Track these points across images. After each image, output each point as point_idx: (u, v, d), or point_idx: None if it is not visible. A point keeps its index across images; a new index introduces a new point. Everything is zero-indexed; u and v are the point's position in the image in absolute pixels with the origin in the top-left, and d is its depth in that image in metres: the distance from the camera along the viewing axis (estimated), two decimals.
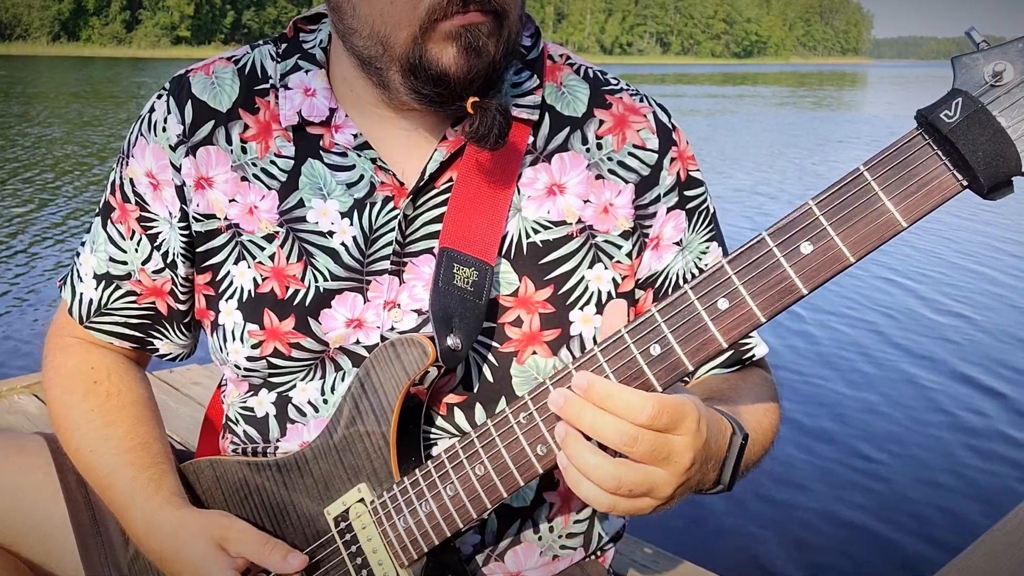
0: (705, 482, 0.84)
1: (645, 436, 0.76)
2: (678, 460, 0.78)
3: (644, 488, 0.78)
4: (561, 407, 0.79)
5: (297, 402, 1.05)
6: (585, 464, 0.78)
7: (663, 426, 0.76)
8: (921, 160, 0.70)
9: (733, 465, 0.86)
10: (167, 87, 1.07)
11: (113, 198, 1.09)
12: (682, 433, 0.78)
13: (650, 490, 0.78)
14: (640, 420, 0.76)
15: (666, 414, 0.76)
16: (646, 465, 0.77)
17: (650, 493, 0.79)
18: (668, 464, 0.78)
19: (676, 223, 1.05)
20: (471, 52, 0.88)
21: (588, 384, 0.77)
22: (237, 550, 0.97)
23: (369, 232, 1.01)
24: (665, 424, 0.76)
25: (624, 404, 0.76)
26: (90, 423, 1.08)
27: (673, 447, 0.77)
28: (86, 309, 1.11)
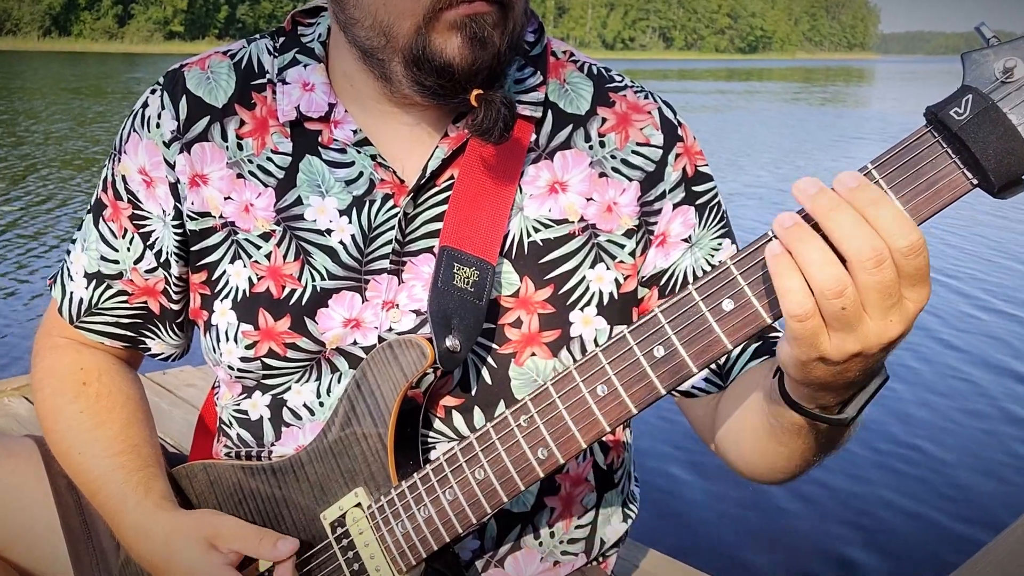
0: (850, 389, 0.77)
1: (891, 268, 0.67)
2: (893, 321, 0.69)
3: (853, 317, 0.68)
4: (813, 195, 0.69)
5: (292, 405, 1.05)
6: (808, 255, 0.68)
7: (912, 270, 0.68)
8: (930, 158, 0.70)
9: (864, 401, 0.79)
10: (161, 82, 1.07)
11: (105, 195, 1.09)
12: (914, 299, 0.69)
13: (851, 327, 0.69)
14: (899, 244, 0.67)
15: (922, 258, 0.67)
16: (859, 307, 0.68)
17: (845, 331, 0.69)
18: (884, 316, 0.69)
19: (684, 219, 1.05)
20: (476, 43, 0.88)
21: (858, 184, 0.68)
22: (229, 546, 0.97)
23: (368, 230, 1.01)
24: (915, 269, 0.67)
25: (891, 219, 0.67)
26: (79, 425, 1.08)
27: (901, 304, 0.69)
28: (76, 308, 1.11)
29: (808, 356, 0.72)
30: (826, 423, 0.81)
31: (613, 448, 1.13)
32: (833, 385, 0.75)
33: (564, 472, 1.08)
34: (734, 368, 1.03)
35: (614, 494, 1.15)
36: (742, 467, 0.98)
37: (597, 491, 1.12)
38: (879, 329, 0.69)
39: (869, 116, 24.65)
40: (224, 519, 1.00)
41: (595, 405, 0.83)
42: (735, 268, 0.76)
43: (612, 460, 1.13)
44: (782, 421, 0.84)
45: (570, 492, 1.10)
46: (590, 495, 1.12)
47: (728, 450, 1.00)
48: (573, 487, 1.10)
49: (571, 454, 0.86)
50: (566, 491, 1.09)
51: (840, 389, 0.77)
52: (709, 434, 1.05)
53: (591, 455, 1.11)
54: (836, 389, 0.76)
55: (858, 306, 0.68)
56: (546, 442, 0.86)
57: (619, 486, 1.15)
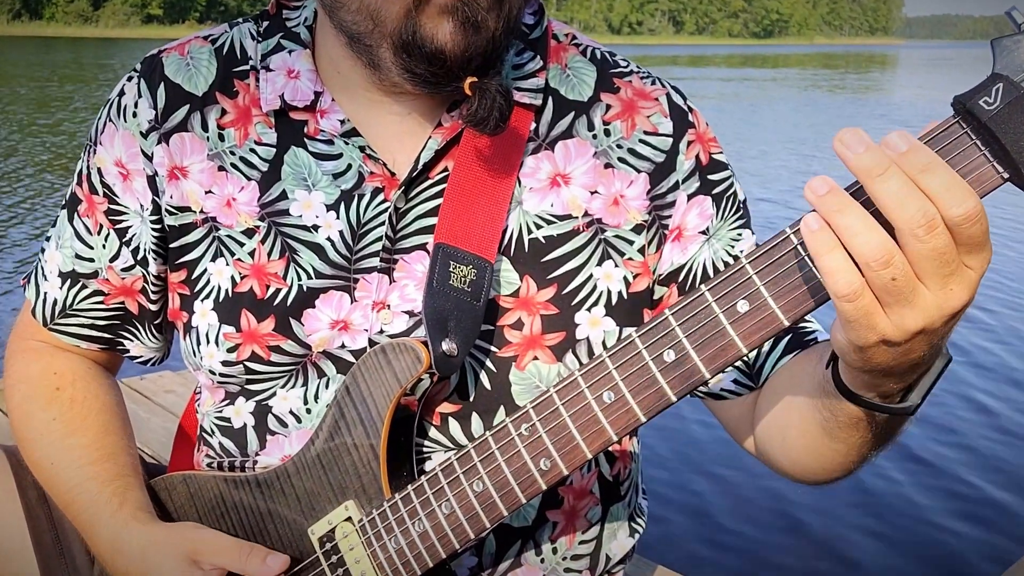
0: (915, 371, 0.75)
1: (944, 233, 0.65)
2: (954, 291, 0.67)
3: (906, 289, 0.66)
4: (861, 156, 0.66)
5: (277, 412, 1.05)
6: (851, 224, 0.66)
7: (968, 237, 0.66)
8: (959, 150, 0.70)
9: (930, 384, 0.78)
10: (138, 69, 1.07)
11: (80, 189, 1.09)
12: (974, 266, 0.67)
13: (907, 299, 0.67)
14: (953, 212, 0.65)
15: (979, 225, 0.65)
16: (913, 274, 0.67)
17: (902, 304, 0.67)
18: (944, 286, 0.67)
19: (700, 210, 1.05)
20: (469, 27, 0.88)
21: (910, 147, 0.66)
22: (211, 561, 0.97)
23: (357, 226, 1.00)
24: (970, 236, 0.66)
25: (945, 183, 0.65)
26: (52, 433, 1.08)
27: (960, 270, 0.67)
28: (50, 310, 1.11)
29: (867, 340, 0.69)
30: (889, 412, 0.79)
31: (620, 458, 1.13)
32: (897, 369, 0.73)
33: (568, 484, 1.08)
34: (765, 366, 1.03)
35: (620, 507, 1.15)
36: (789, 468, 0.97)
37: (602, 504, 1.12)
38: (940, 300, 0.67)
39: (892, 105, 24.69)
40: (205, 532, 1.00)
41: (601, 413, 0.83)
42: (750, 267, 0.76)
43: (618, 471, 1.13)
44: (837, 415, 0.83)
45: (574, 505, 1.10)
46: (595, 508, 1.12)
47: (772, 451, 0.99)
48: (577, 500, 1.10)
49: (575, 465, 0.86)
50: (569, 504, 1.09)
51: (904, 373, 0.75)
52: (746, 436, 1.05)
53: (596, 466, 1.11)
54: (900, 373, 0.75)
55: (911, 276, 0.67)
56: (549, 452, 0.86)
57: (626, 499, 1.15)
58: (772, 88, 31.50)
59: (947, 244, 0.66)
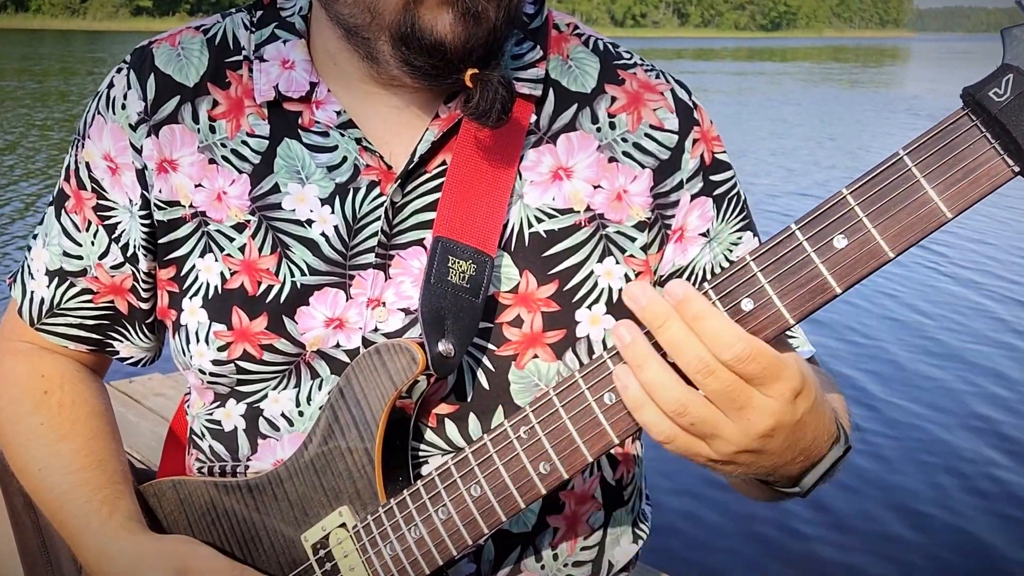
0: (783, 472, 0.83)
1: (723, 374, 0.75)
2: (752, 419, 0.76)
3: (707, 428, 0.77)
4: (644, 308, 0.76)
5: (269, 414, 1.05)
6: (650, 376, 0.76)
7: (748, 374, 0.75)
8: (968, 143, 0.70)
9: (822, 474, 0.85)
10: (128, 60, 1.07)
11: (67, 185, 1.09)
12: (768, 393, 0.76)
13: (712, 434, 0.77)
14: (723, 356, 0.74)
15: (756, 363, 0.74)
16: (716, 408, 0.77)
17: (710, 438, 0.77)
18: (740, 417, 0.76)
19: (702, 212, 1.05)
20: (469, 18, 0.88)
21: (684, 296, 0.75)
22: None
23: (352, 221, 1.01)
24: (751, 373, 0.75)
25: (713, 332, 0.74)
26: (40, 438, 1.08)
27: (752, 401, 0.76)
28: (37, 310, 1.11)
29: (700, 463, 0.80)
30: (783, 495, 0.88)
31: (622, 462, 1.13)
32: (754, 475, 0.83)
33: (568, 489, 1.08)
34: None
35: (623, 513, 1.15)
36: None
37: (605, 509, 1.12)
38: (741, 428, 0.77)
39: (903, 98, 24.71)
40: (198, 548, 1.00)
41: (602, 415, 0.83)
42: (755, 264, 0.76)
43: (621, 475, 1.13)
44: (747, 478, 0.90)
45: (575, 510, 1.10)
46: (597, 514, 1.12)
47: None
48: (578, 505, 1.10)
49: (576, 469, 0.86)
50: (571, 509, 1.09)
51: (766, 475, 0.83)
52: None
53: (598, 470, 1.11)
54: (761, 476, 0.84)
55: (710, 415, 0.76)
56: (549, 455, 0.86)
57: (629, 504, 1.15)
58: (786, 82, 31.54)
59: (728, 384, 0.75)
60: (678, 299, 0.75)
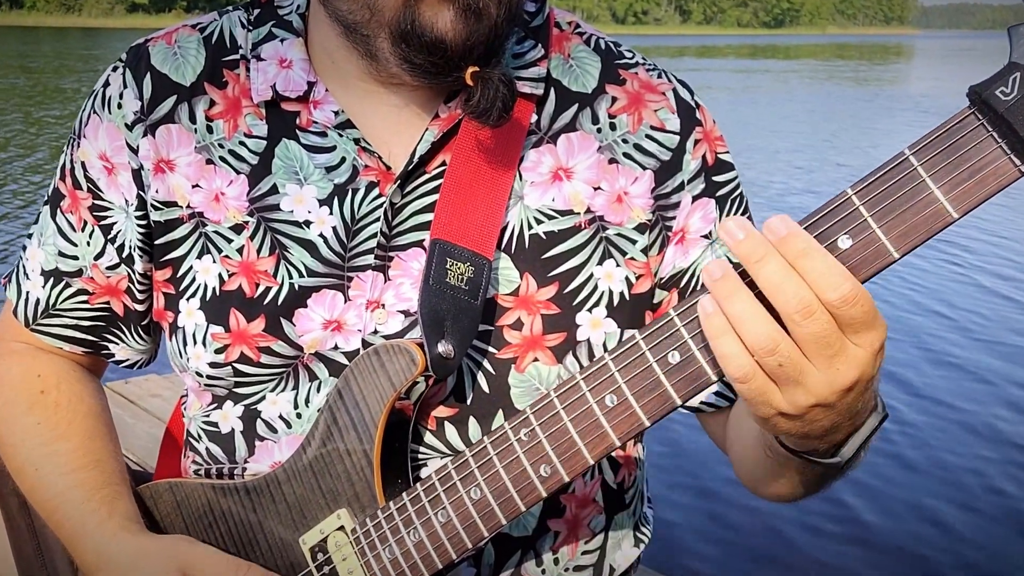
0: (831, 437, 0.80)
1: (823, 316, 0.71)
2: (841, 369, 0.73)
3: (792, 373, 0.72)
4: (741, 242, 0.72)
5: (267, 416, 1.05)
6: (739, 310, 0.72)
7: (848, 319, 0.71)
8: (974, 143, 0.70)
9: (861, 442, 0.82)
10: (123, 59, 1.07)
11: (63, 184, 1.09)
12: (861, 344, 0.73)
13: (795, 380, 0.73)
14: (828, 296, 0.70)
15: (859, 307, 0.71)
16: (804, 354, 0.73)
17: (791, 385, 0.73)
18: (829, 366, 0.73)
19: (704, 213, 1.05)
20: (470, 15, 0.88)
21: (788, 231, 0.71)
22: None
23: (351, 222, 1.01)
24: (851, 317, 0.71)
25: (819, 270, 0.70)
26: (36, 438, 1.08)
27: (845, 350, 0.72)
28: (32, 310, 1.11)
29: (764, 413, 0.76)
30: (819, 467, 0.85)
31: (624, 465, 1.13)
32: (808, 435, 0.79)
33: (569, 492, 1.09)
34: None
35: (625, 516, 1.15)
36: (749, 486, 1.04)
37: (606, 513, 1.12)
38: (827, 379, 0.73)
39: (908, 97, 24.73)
40: (198, 548, 1.00)
41: (603, 417, 0.83)
42: None
43: (623, 478, 1.13)
44: (779, 458, 0.87)
45: (576, 514, 1.10)
46: (598, 517, 1.12)
47: (737, 468, 1.05)
48: (579, 508, 1.10)
49: (577, 471, 0.86)
50: (572, 513, 1.09)
51: (818, 437, 0.80)
52: (725, 450, 1.10)
53: (599, 473, 1.11)
54: (814, 438, 0.80)
55: (797, 360, 0.73)
56: (549, 458, 0.86)
57: (630, 507, 1.15)
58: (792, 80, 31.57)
59: (826, 327, 0.71)
60: (780, 236, 0.71)
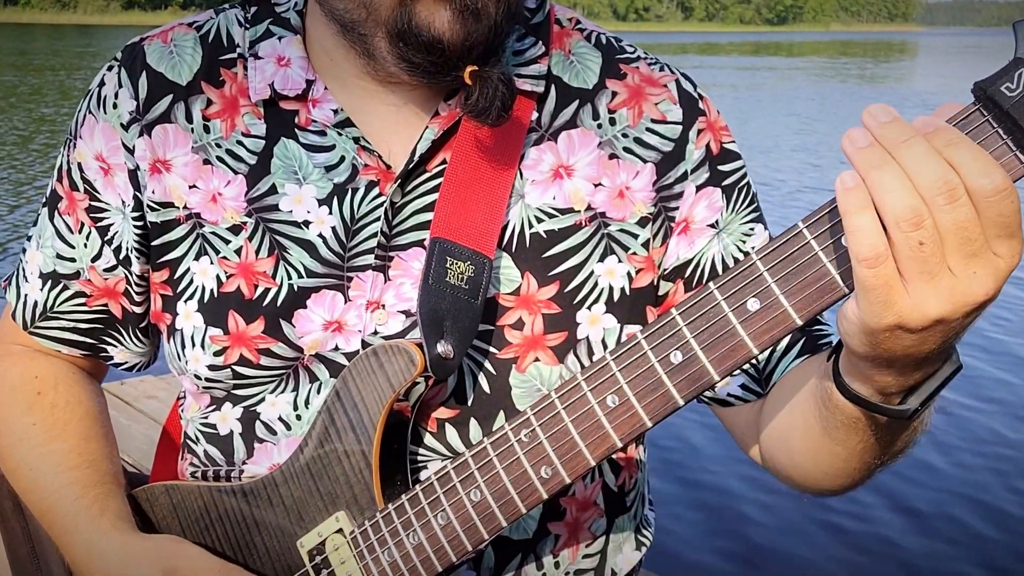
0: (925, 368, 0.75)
1: (968, 203, 0.65)
2: (979, 274, 0.67)
3: (932, 258, 0.66)
4: (884, 122, 0.68)
5: (266, 418, 1.05)
6: (885, 180, 0.66)
7: (994, 214, 0.66)
8: (980, 139, 0.70)
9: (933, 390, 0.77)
10: (119, 58, 1.07)
11: (60, 186, 1.09)
12: (1003, 253, 0.67)
13: (932, 272, 0.67)
14: (978, 182, 0.65)
15: (1010, 202, 0.65)
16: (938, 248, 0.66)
17: (929, 277, 0.67)
18: (966, 268, 0.67)
19: (709, 202, 1.05)
20: (468, 15, 0.88)
21: (936, 127, 0.68)
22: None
23: (351, 222, 1.01)
24: (997, 213, 0.66)
25: (970, 158, 0.66)
26: (32, 439, 1.08)
27: (985, 252, 0.67)
28: (31, 313, 1.11)
29: (881, 320, 0.69)
30: (883, 413, 0.79)
31: (625, 467, 1.13)
32: (903, 361, 0.73)
33: (570, 494, 1.09)
34: (776, 371, 1.03)
35: (626, 519, 1.15)
36: (794, 473, 0.98)
37: (607, 516, 1.12)
38: (963, 284, 0.67)
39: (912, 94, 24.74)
40: (187, 548, 1.00)
41: (605, 417, 0.83)
42: (761, 263, 0.76)
43: (624, 481, 1.13)
44: (835, 413, 0.82)
45: (577, 517, 1.10)
46: (599, 520, 1.12)
47: (777, 456, 0.99)
48: (580, 511, 1.10)
49: (578, 473, 0.86)
50: (572, 516, 1.09)
51: (909, 368, 0.74)
52: (752, 444, 1.05)
53: (600, 475, 1.11)
54: (904, 367, 0.74)
55: (937, 246, 0.66)
56: (550, 459, 0.86)
57: (632, 510, 1.15)
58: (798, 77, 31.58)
59: (970, 218, 0.66)
60: (929, 128, 0.68)
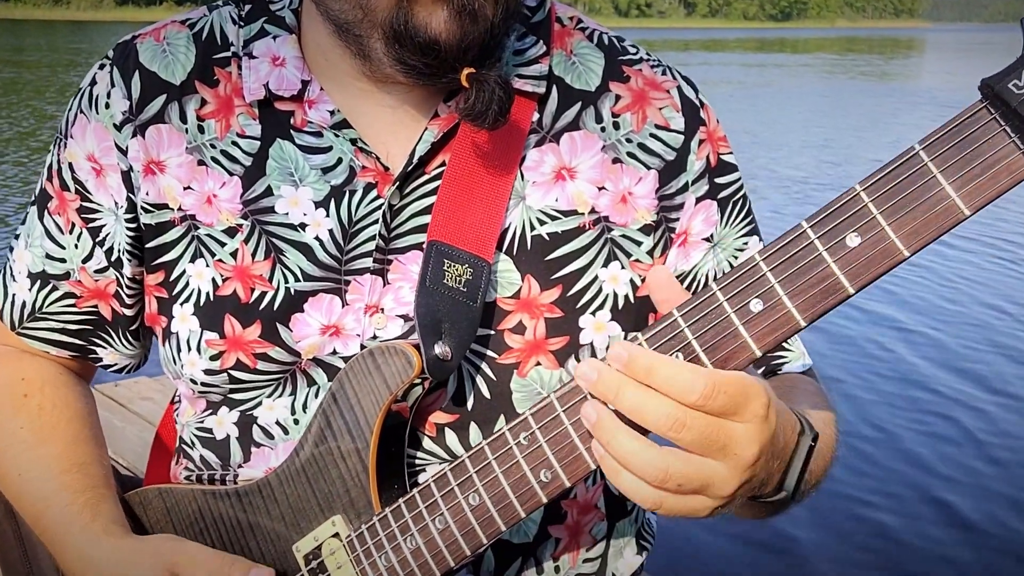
0: (767, 484, 0.82)
1: (695, 420, 0.73)
2: (739, 452, 0.75)
3: (696, 483, 0.75)
4: (595, 383, 0.76)
5: (263, 422, 1.05)
6: (623, 450, 0.75)
7: (719, 409, 0.74)
8: (986, 137, 0.70)
9: (799, 470, 0.84)
10: (110, 56, 1.07)
11: (50, 185, 1.09)
12: (745, 419, 0.75)
13: (704, 486, 0.76)
14: (689, 399, 0.73)
15: (723, 394, 0.73)
16: (699, 456, 0.75)
17: (705, 491, 0.76)
18: (726, 456, 0.75)
19: (706, 215, 1.05)
20: (465, 15, 0.88)
21: (628, 356, 0.75)
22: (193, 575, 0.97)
23: (348, 225, 1.01)
24: (721, 406, 0.74)
25: (669, 380, 0.73)
26: (20, 442, 1.08)
27: (732, 435, 0.75)
28: (19, 313, 1.11)
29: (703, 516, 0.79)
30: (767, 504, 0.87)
31: None
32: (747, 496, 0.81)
33: (571, 497, 1.09)
34: None
35: (627, 523, 1.15)
36: None
37: (608, 519, 1.12)
38: (732, 465, 0.75)
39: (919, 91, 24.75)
40: (185, 545, 1.01)
41: None
42: (764, 264, 0.76)
43: None
44: None
45: (578, 520, 1.10)
46: (600, 524, 1.12)
47: None
48: (581, 515, 1.10)
49: (578, 476, 0.86)
50: (573, 519, 1.09)
51: (756, 489, 0.81)
52: None
53: (602, 478, 1.11)
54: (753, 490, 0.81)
55: (697, 468, 0.75)
56: (550, 462, 0.86)
57: (633, 514, 1.16)
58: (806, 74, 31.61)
59: (704, 427, 0.74)
60: (624, 360, 0.75)
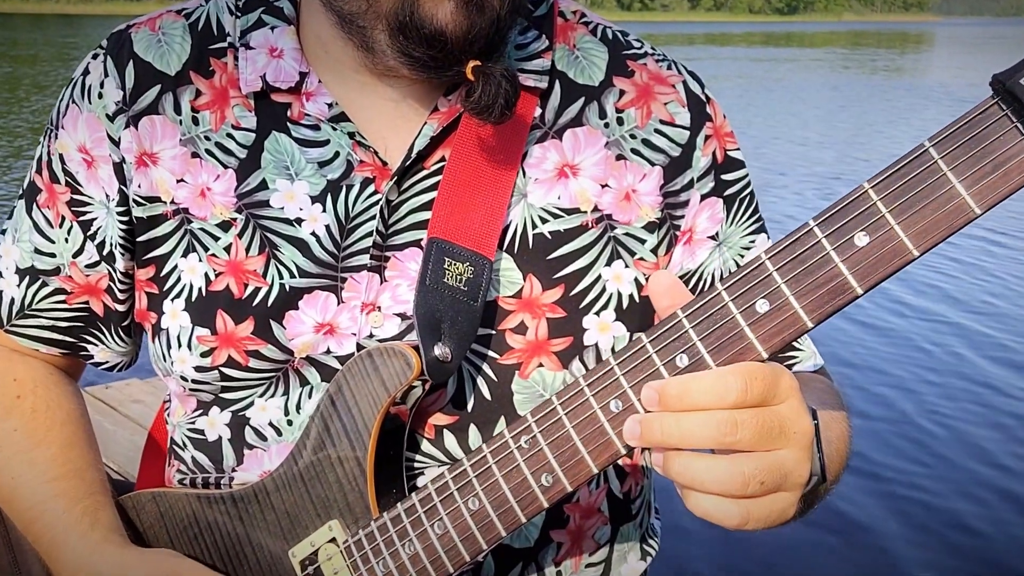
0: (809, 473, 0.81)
1: (745, 416, 0.73)
2: (797, 429, 0.75)
3: (777, 476, 0.74)
4: (640, 437, 0.77)
5: (256, 423, 1.05)
6: (696, 475, 0.74)
7: (759, 397, 0.74)
8: (998, 134, 0.70)
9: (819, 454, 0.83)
10: (104, 45, 1.07)
11: (39, 178, 1.09)
12: (785, 398, 0.75)
13: (783, 477, 0.75)
14: (729, 400, 0.73)
15: (757, 382, 0.74)
16: (765, 451, 0.75)
17: (785, 483, 0.75)
18: (787, 438, 0.75)
19: (712, 213, 1.05)
20: (472, 7, 0.88)
21: (658, 394, 0.75)
22: None
23: (345, 220, 1.01)
24: (760, 394, 0.74)
25: (703, 392, 0.74)
26: (13, 445, 1.09)
27: (783, 416, 0.75)
28: (7, 310, 1.11)
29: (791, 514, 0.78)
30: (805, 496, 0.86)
31: (630, 474, 1.13)
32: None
33: (573, 501, 1.09)
34: None
35: (631, 527, 1.15)
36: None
37: (611, 524, 1.13)
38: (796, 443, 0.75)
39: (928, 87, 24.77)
40: (185, 563, 1.01)
41: (608, 423, 0.83)
42: (771, 263, 0.76)
43: (629, 488, 1.13)
44: None
45: (580, 525, 1.10)
46: (603, 528, 1.12)
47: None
48: (584, 519, 1.10)
49: (580, 480, 0.86)
50: (575, 524, 1.10)
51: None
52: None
53: (605, 482, 1.11)
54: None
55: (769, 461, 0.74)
56: (551, 466, 0.86)
57: (637, 518, 1.16)
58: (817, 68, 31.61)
59: (756, 420, 0.74)
60: (656, 400, 0.76)
